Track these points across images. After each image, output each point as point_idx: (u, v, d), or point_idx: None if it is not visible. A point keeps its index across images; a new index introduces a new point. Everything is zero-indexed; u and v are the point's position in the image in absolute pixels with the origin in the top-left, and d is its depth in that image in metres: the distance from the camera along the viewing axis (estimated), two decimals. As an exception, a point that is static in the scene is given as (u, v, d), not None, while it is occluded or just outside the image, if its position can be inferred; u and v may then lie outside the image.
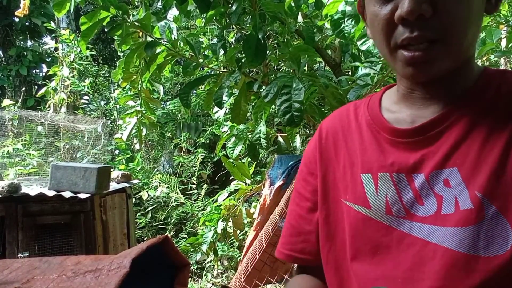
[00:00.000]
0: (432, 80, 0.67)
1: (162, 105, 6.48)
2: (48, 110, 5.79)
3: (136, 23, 1.88)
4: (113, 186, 3.28)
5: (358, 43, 1.64)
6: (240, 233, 3.28)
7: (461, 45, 0.63)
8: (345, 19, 1.62)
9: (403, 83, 0.72)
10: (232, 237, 3.34)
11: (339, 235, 0.75)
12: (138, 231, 5.19)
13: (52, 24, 6.43)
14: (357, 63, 1.79)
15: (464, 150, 0.64)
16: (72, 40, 5.62)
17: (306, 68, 2.77)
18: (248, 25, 2.10)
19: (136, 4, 2.53)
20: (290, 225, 0.85)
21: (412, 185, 0.67)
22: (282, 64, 2.90)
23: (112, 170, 3.48)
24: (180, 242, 4.71)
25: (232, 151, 2.38)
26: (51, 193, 2.75)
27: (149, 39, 1.92)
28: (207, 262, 4.47)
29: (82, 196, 2.74)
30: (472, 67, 0.70)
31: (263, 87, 1.83)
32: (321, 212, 0.78)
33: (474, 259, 0.60)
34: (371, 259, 0.69)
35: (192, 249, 4.02)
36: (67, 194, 2.73)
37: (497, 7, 0.69)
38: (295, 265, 0.93)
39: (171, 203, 5.42)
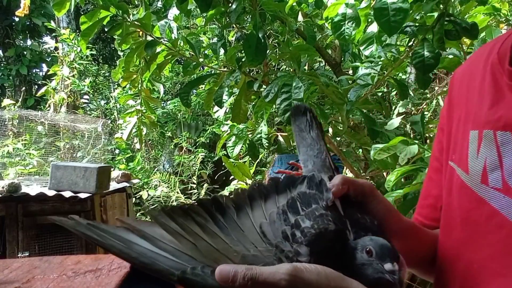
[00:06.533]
0: None
1: (162, 105, 6.48)
2: (48, 110, 5.79)
3: (136, 22, 1.88)
4: (113, 185, 3.29)
5: (361, 47, 1.64)
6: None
7: None
8: (346, 22, 1.61)
9: None
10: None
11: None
12: (138, 231, 5.19)
13: (52, 24, 6.44)
14: (358, 63, 1.79)
15: None
16: (72, 39, 5.63)
17: (306, 67, 2.76)
18: (248, 24, 2.09)
19: (136, 3, 2.53)
20: (423, 186, 0.73)
21: None
22: (283, 63, 2.90)
23: (112, 169, 3.48)
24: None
25: (232, 150, 2.38)
26: (51, 192, 2.75)
27: (149, 38, 1.92)
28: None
29: (82, 195, 2.75)
30: None
31: (264, 86, 1.83)
32: (443, 173, 0.65)
33: None
34: (460, 236, 0.57)
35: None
36: (67, 194, 2.74)
37: None
38: None
39: (171, 202, 5.43)
